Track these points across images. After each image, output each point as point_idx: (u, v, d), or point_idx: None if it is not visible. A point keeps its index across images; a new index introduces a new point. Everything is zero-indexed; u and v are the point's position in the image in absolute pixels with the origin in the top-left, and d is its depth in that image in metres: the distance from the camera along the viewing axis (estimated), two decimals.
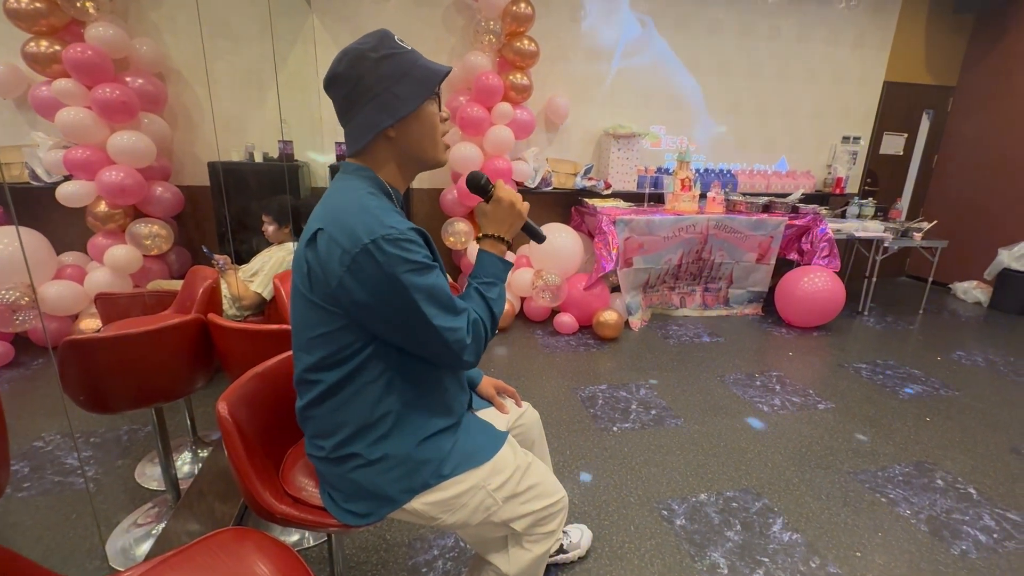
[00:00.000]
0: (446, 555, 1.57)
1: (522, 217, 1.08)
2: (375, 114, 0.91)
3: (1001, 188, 4.58)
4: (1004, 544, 1.70)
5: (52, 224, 3.03)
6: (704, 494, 1.90)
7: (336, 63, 0.91)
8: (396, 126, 0.93)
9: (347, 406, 0.95)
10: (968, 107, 4.85)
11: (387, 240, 0.83)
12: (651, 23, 4.07)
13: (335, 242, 0.85)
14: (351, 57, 0.90)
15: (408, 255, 0.85)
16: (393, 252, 0.84)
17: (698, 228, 3.67)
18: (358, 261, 0.83)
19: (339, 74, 0.91)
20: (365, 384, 0.94)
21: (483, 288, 1.02)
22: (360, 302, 0.87)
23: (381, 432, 0.96)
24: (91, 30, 2.73)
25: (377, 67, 0.89)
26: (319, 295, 0.89)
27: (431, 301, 0.88)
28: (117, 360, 1.37)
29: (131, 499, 1.79)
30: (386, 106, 0.91)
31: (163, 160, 3.20)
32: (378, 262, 0.83)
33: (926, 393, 2.78)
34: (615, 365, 3.02)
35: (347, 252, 0.84)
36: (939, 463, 2.14)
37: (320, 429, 0.98)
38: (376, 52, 0.90)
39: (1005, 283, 4.31)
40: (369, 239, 0.83)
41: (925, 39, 4.71)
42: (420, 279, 0.86)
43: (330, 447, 0.96)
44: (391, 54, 0.90)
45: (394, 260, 0.84)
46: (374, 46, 0.90)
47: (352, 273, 0.84)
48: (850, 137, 4.82)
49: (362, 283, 0.85)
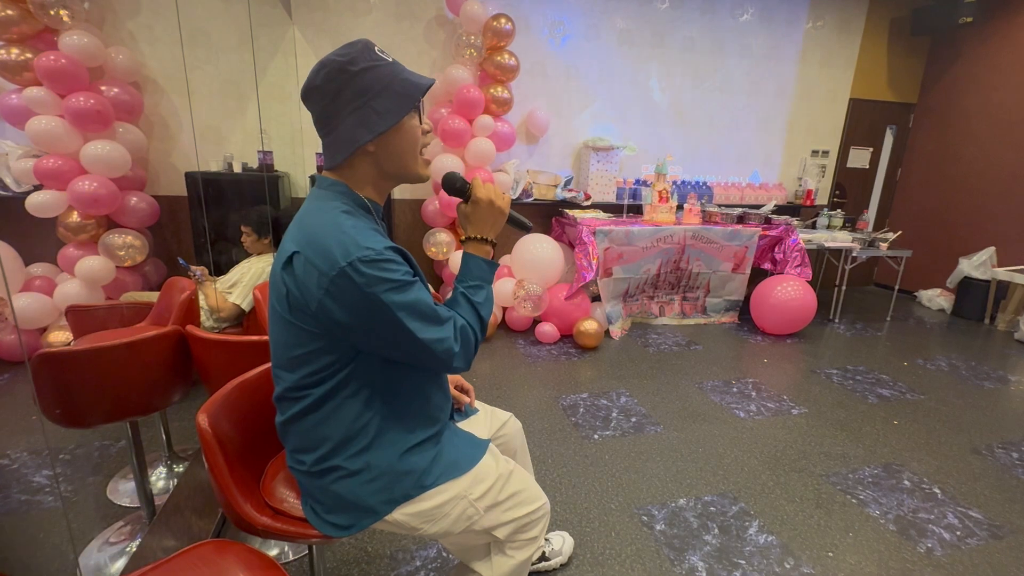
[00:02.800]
0: (428, 566, 1.57)
1: (504, 213, 1.06)
2: (354, 129, 0.89)
3: (960, 200, 4.81)
4: (967, 541, 1.77)
5: (20, 235, 2.94)
6: (683, 499, 1.93)
7: (314, 75, 0.89)
8: (376, 141, 0.91)
9: (328, 421, 0.94)
10: (928, 123, 5.09)
11: (364, 262, 0.82)
12: (628, 39, 4.19)
13: (312, 265, 0.84)
14: (329, 70, 0.87)
15: (387, 275, 0.84)
16: (371, 273, 0.83)
17: (676, 238, 3.76)
18: (336, 284, 0.83)
19: (317, 87, 0.88)
20: (346, 399, 0.94)
21: (470, 292, 1.01)
22: (342, 322, 0.86)
23: (363, 444, 0.96)
24: (65, 38, 2.69)
25: (356, 80, 0.87)
26: (299, 317, 0.89)
27: (414, 316, 0.88)
28: (93, 373, 1.34)
29: (103, 517, 1.74)
30: (365, 121, 0.89)
31: (138, 170, 3.14)
32: (357, 284, 0.82)
33: (894, 397, 2.89)
34: (596, 374, 3.06)
35: (324, 275, 0.83)
36: (906, 464, 2.22)
37: (301, 444, 0.97)
38: (355, 65, 0.87)
39: (966, 291, 4.50)
40: (346, 261, 0.82)
41: (887, 59, 4.94)
42: (401, 296, 0.86)
43: (311, 461, 0.96)
44: (371, 66, 0.88)
45: (373, 281, 0.83)
46: (353, 58, 0.87)
47: (331, 296, 0.84)
48: (819, 151, 5.01)
49: (342, 305, 0.84)
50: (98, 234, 2.90)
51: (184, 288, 1.82)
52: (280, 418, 0.99)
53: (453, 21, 3.63)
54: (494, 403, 1.35)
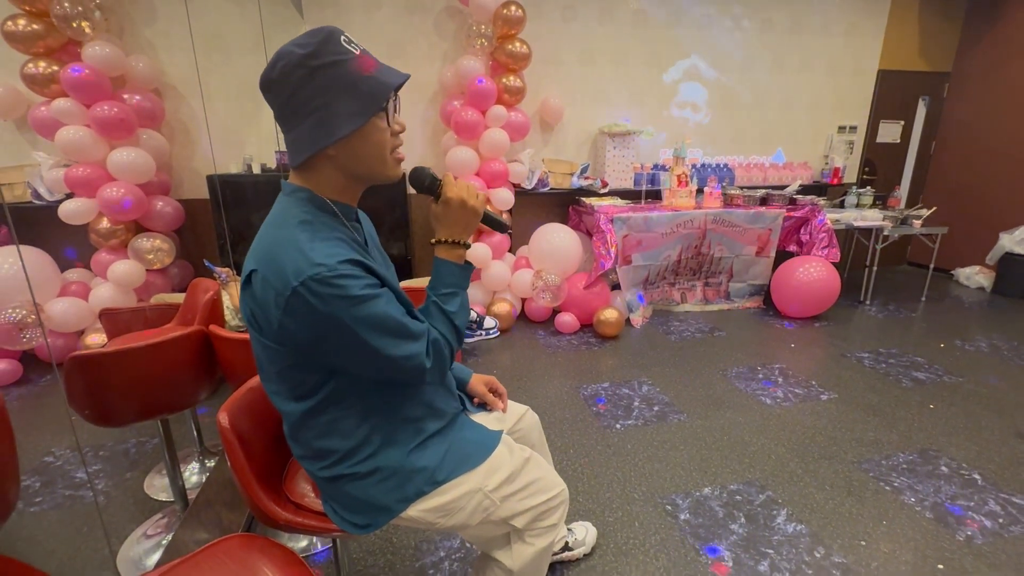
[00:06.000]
0: (452, 556, 1.58)
1: (477, 214, 0.98)
2: (311, 131, 0.81)
3: (1000, 173, 4.56)
4: (1010, 529, 1.70)
5: (55, 242, 3.06)
6: (708, 488, 1.90)
7: (271, 67, 0.79)
8: (336, 145, 0.82)
9: (329, 435, 0.93)
10: (964, 93, 4.83)
11: (316, 280, 0.76)
12: (643, 20, 4.09)
13: (268, 283, 0.79)
14: (286, 63, 0.78)
15: (343, 292, 0.78)
16: (325, 292, 0.77)
17: (696, 223, 3.68)
18: (291, 303, 0.78)
19: (272, 80, 0.80)
20: (341, 413, 0.92)
21: (442, 301, 0.96)
22: (305, 340, 0.82)
23: (370, 451, 0.95)
24: (88, 49, 2.77)
25: (316, 77, 0.78)
26: (266, 336, 0.85)
27: (380, 332, 0.83)
28: (122, 374, 1.39)
29: (141, 510, 1.82)
30: (323, 123, 0.80)
31: (162, 175, 3.23)
32: (311, 304, 0.77)
33: (930, 380, 2.78)
34: (617, 363, 3.03)
35: (280, 294, 0.78)
36: (943, 450, 2.14)
37: (308, 453, 0.97)
38: (315, 59, 0.77)
39: (1008, 267, 4.29)
40: (298, 281, 0.76)
41: (918, 26, 4.70)
42: (363, 311, 0.80)
43: (320, 468, 0.96)
44: (333, 62, 0.78)
45: (328, 299, 0.78)
46: (314, 51, 0.77)
47: (289, 315, 0.79)
48: (846, 127, 4.81)
49: (302, 325, 0.80)
50: (127, 239, 3.00)
51: (207, 289, 1.87)
52: (285, 428, 0.99)
53: (463, 11, 3.60)
54: (514, 395, 1.35)
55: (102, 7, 2.83)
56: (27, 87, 2.81)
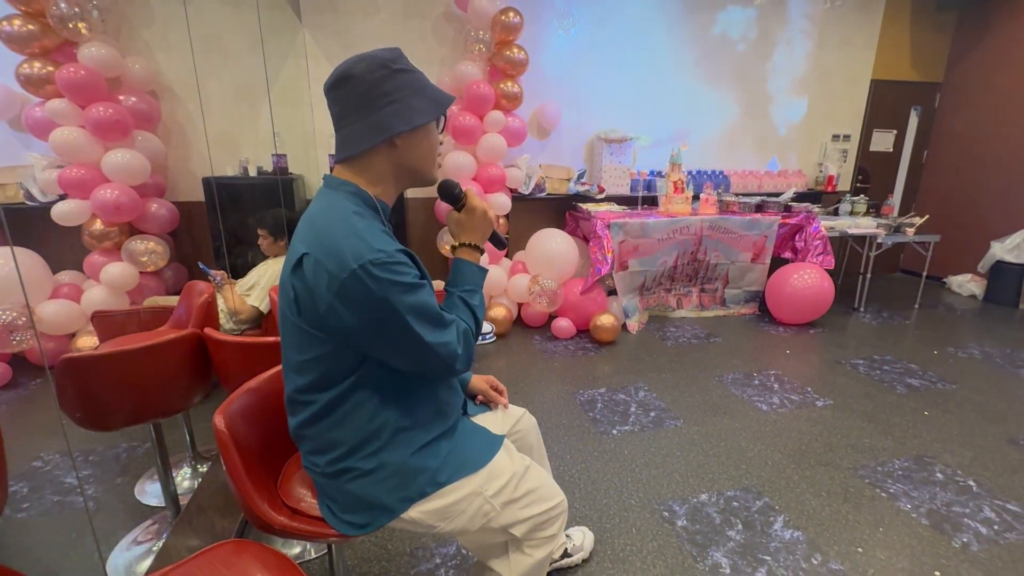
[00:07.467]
0: (448, 563, 1.57)
1: (492, 225, 1.09)
2: (389, 118, 0.91)
3: (991, 181, 4.62)
4: (1005, 535, 1.70)
5: (48, 244, 3.03)
6: (705, 494, 1.90)
7: (352, 64, 0.90)
8: (405, 135, 0.93)
9: (341, 425, 0.95)
10: (955, 102, 4.90)
11: (376, 264, 0.83)
12: (640, 28, 4.12)
13: (322, 267, 0.84)
14: (369, 62, 0.90)
15: (398, 277, 0.85)
16: (383, 276, 0.83)
17: (692, 229, 3.69)
18: (347, 286, 0.83)
19: (355, 75, 0.89)
20: (358, 403, 0.95)
21: (466, 296, 1.03)
22: (350, 326, 0.86)
23: (377, 446, 0.96)
24: (84, 50, 2.76)
25: (396, 76, 0.91)
26: (307, 321, 0.89)
27: (422, 320, 0.88)
28: (114, 376, 1.37)
29: (131, 516, 1.79)
30: (401, 113, 0.91)
31: (157, 177, 3.21)
32: (368, 287, 0.83)
33: (924, 387, 2.79)
34: (613, 368, 3.03)
35: (335, 277, 0.83)
36: (938, 456, 2.15)
37: (315, 447, 0.98)
38: (395, 64, 0.91)
39: (999, 275, 4.33)
40: (357, 264, 0.82)
41: (910, 37, 4.77)
42: (410, 299, 0.87)
43: (325, 462, 0.97)
44: (409, 69, 0.93)
45: (384, 284, 0.84)
46: (393, 58, 0.91)
47: (341, 298, 0.84)
48: (840, 135, 4.87)
49: (352, 308, 0.84)
50: (121, 241, 2.97)
51: (202, 291, 1.85)
52: (293, 422, 0.99)
53: (461, 17, 3.61)
54: (511, 400, 1.34)
55: (100, 8, 2.82)
56: (22, 87, 2.78)
